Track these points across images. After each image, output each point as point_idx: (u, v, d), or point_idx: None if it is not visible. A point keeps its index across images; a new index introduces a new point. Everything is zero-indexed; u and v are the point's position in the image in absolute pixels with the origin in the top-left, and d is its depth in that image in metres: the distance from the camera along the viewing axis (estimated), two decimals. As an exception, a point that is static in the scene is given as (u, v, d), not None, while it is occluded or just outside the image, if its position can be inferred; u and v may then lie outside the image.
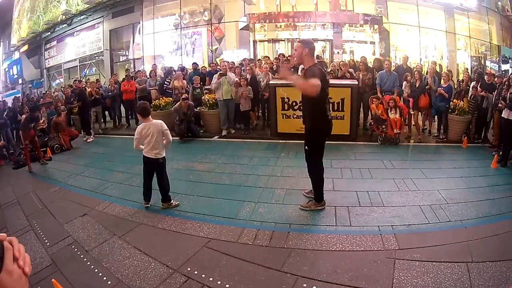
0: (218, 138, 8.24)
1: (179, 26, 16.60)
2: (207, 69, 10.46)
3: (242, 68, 9.29)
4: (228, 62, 9.52)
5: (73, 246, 3.73)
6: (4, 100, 13.92)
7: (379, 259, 3.08)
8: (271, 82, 7.84)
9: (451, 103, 7.42)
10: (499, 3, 15.73)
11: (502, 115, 5.89)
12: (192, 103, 8.29)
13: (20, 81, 23.98)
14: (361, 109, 8.45)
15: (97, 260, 3.38)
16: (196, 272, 3.02)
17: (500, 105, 6.06)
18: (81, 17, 19.50)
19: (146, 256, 3.36)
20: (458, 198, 4.37)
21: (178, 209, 4.39)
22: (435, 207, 4.11)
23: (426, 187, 4.75)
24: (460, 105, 7.26)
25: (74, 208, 4.75)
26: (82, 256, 3.51)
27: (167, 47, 16.97)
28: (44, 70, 22.60)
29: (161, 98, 9.23)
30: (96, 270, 3.22)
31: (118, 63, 19.02)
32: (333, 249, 3.30)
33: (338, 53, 14.67)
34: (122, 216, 4.37)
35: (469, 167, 5.72)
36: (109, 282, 3.01)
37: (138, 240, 3.71)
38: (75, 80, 13.16)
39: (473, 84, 7.69)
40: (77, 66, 20.43)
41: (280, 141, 7.48)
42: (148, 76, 10.79)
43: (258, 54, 15.05)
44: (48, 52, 22.33)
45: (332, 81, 7.18)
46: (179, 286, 2.87)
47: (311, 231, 3.67)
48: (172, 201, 4.48)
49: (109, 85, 10.74)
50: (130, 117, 10.58)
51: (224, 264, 3.14)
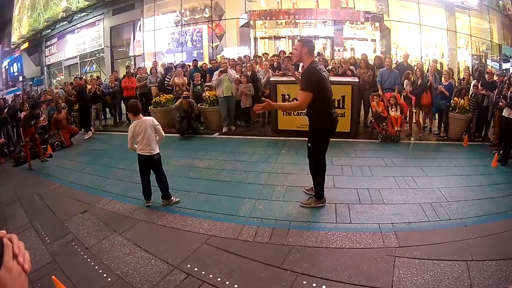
0: (219, 135, 8.23)
1: (180, 23, 16.59)
2: (208, 66, 10.44)
3: (243, 65, 9.27)
4: (229, 59, 9.49)
5: (73, 243, 3.74)
6: (5, 98, 13.95)
7: (379, 257, 3.08)
8: (272, 79, 7.82)
9: (452, 101, 7.41)
10: (500, 2, 15.69)
11: (503, 114, 5.88)
12: (193, 101, 8.28)
13: (21, 79, 24.01)
14: (362, 107, 8.44)
15: (97, 257, 3.39)
16: (196, 269, 3.03)
17: (501, 104, 6.05)
18: (82, 14, 19.50)
19: (146, 253, 3.37)
20: (458, 196, 4.37)
21: (179, 206, 4.39)
22: (435, 205, 4.11)
23: (427, 185, 4.74)
24: (461, 104, 7.25)
25: (75, 205, 4.76)
26: (82, 253, 3.51)
27: (168, 44, 16.96)
28: (45, 68, 22.62)
29: (162, 95, 9.22)
30: (96, 267, 3.22)
31: (119, 60, 19.01)
32: (333, 247, 3.30)
33: (339, 51, 14.65)
34: (123, 213, 4.37)
35: (470, 166, 5.71)
36: (109, 279, 3.02)
37: (138, 237, 3.72)
38: (76, 77, 13.15)
39: (474, 83, 7.67)
40: (78, 63, 20.44)
41: (281, 138, 7.48)
42: (149, 73, 10.78)
43: (259, 51, 15.04)
44: (49, 50, 22.33)
45: (333, 78, 7.16)
46: (179, 283, 2.88)
47: (311, 228, 3.67)
48: (173, 198, 4.49)
49: (110, 82, 10.72)
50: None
51: (224, 261, 3.14)
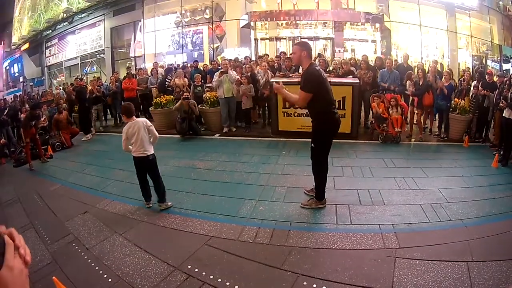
0: (219, 136, 8.23)
1: (180, 24, 16.61)
2: (209, 67, 10.44)
3: (244, 66, 9.28)
4: (230, 60, 9.50)
5: (74, 244, 3.74)
6: (5, 98, 13.98)
7: (380, 258, 3.08)
8: (272, 80, 7.81)
9: (452, 102, 7.41)
10: (501, 3, 15.69)
11: (503, 115, 5.88)
12: (193, 101, 8.28)
13: (21, 79, 24.04)
14: (362, 108, 8.44)
15: (98, 258, 3.39)
16: (197, 270, 3.03)
17: (501, 105, 6.05)
18: (82, 15, 19.55)
19: (147, 254, 3.37)
20: (459, 197, 4.37)
21: (179, 207, 4.39)
22: (436, 206, 4.10)
23: (427, 186, 4.74)
24: (461, 104, 7.25)
25: (75, 206, 4.76)
26: (83, 254, 3.51)
27: (168, 45, 16.98)
28: (45, 68, 22.65)
29: (162, 96, 9.23)
30: (97, 268, 3.22)
31: (119, 61, 19.04)
32: (334, 248, 3.30)
33: (340, 52, 14.67)
34: (123, 214, 4.37)
35: (470, 166, 5.71)
36: (110, 280, 3.02)
37: (139, 238, 3.72)
38: (76, 78, 13.17)
39: (474, 83, 7.67)
40: (78, 64, 20.48)
41: (281, 139, 7.48)
42: (150, 74, 10.80)
43: (259, 52, 15.06)
44: (49, 50, 22.37)
45: (333, 79, 7.19)
46: (180, 284, 2.88)
47: (312, 229, 3.67)
48: (167, 201, 4.42)
49: (110, 83, 10.73)
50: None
51: (225, 262, 3.14)
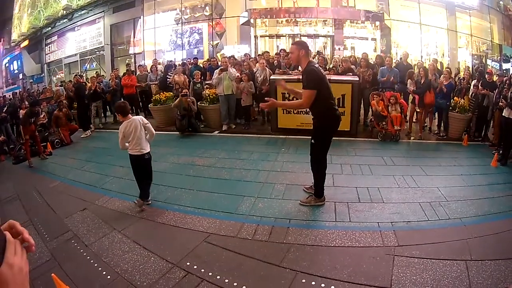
0: (219, 133, 8.23)
1: (180, 21, 16.56)
2: (208, 64, 10.42)
3: (243, 64, 9.27)
4: (229, 58, 9.48)
5: (73, 241, 3.74)
6: (5, 96, 13.95)
7: (378, 256, 3.08)
8: (272, 78, 7.80)
9: (452, 101, 7.41)
10: (501, 2, 15.65)
11: (503, 114, 5.88)
12: (192, 98, 8.26)
13: (21, 76, 23.98)
14: (362, 105, 8.44)
15: (97, 255, 3.39)
16: (196, 267, 3.03)
17: (501, 104, 6.05)
18: (82, 12, 19.44)
19: (146, 251, 3.37)
20: (458, 196, 4.37)
21: (178, 204, 4.39)
22: (435, 205, 4.11)
23: (426, 184, 4.74)
24: (461, 103, 7.26)
25: (74, 203, 4.75)
26: (82, 251, 3.51)
27: (168, 42, 16.93)
28: (45, 65, 22.57)
29: (162, 93, 9.22)
30: (96, 265, 3.22)
31: (119, 58, 18.99)
32: (333, 245, 3.30)
33: (339, 49, 14.65)
34: (122, 211, 4.37)
35: (469, 165, 5.71)
36: (109, 277, 3.02)
37: (138, 235, 3.72)
38: (76, 75, 13.14)
39: (474, 83, 7.67)
40: (78, 61, 20.41)
41: (281, 136, 7.48)
42: (149, 71, 10.78)
43: (259, 50, 15.04)
44: (49, 47, 22.28)
45: (333, 77, 7.20)
46: (179, 281, 2.88)
47: (311, 227, 3.68)
48: (147, 201, 4.37)
49: (110, 80, 10.71)
50: (130, 112, 10.52)
51: (224, 259, 3.14)
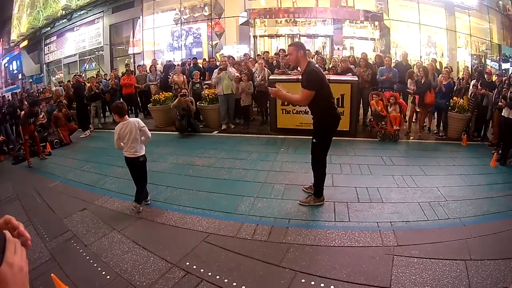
0: (218, 133, 8.23)
1: (179, 21, 16.55)
2: (207, 64, 10.42)
3: (242, 63, 9.29)
4: (228, 57, 9.49)
5: (72, 241, 3.73)
6: (4, 96, 13.92)
7: (378, 255, 3.08)
8: (271, 78, 7.79)
9: (451, 101, 7.41)
10: (500, 2, 15.67)
11: (502, 114, 5.89)
12: (191, 98, 8.26)
13: (20, 76, 23.95)
14: (361, 105, 8.44)
15: (96, 255, 3.38)
16: (195, 267, 3.03)
17: (501, 104, 6.05)
18: (81, 12, 19.44)
19: (145, 251, 3.36)
20: (457, 196, 4.37)
21: (177, 204, 4.38)
22: (434, 204, 4.11)
23: (425, 184, 4.75)
24: (460, 103, 7.26)
25: (74, 203, 4.75)
26: (81, 251, 3.51)
27: (167, 42, 16.93)
28: (44, 65, 22.55)
29: (161, 93, 9.22)
30: (95, 265, 3.22)
31: (118, 58, 18.98)
32: (332, 245, 3.31)
33: (338, 49, 14.66)
34: (121, 211, 4.37)
35: (468, 165, 5.71)
36: (108, 277, 3.01)
37: (137, 235, 3.71)
38: (75, 75, 13.14)
39: (474, 82, 7.67)
40: (77, 61, 20.40)
41: (280, 136, 7.48)
42: (148, 71, 10.78)
43: (258, 50, 15.04)
44: (48, 47, 22.28)
45: (332, 77, 7.19)
46: (178, 281, 2.87)
47: (310, 227, 3.68)
48: (141, 206, 4.29)
49: (110, 80, 10.71)
50: (130, 112, 10.54)
51: (223, 259, 3.14)
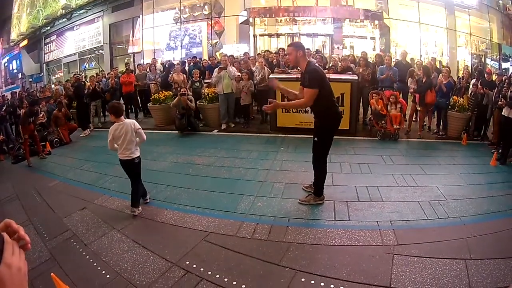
0: (218, 132, 8.22)
1: (179, 20, 16.54)
2: (207, 63, 10.42)
3: (241, 62, 9.30)
4: (229, 56, 9.49)
5: (72, 240, 3.73)
6: (4, 95, 13.90)
7: (378, 254, 3.08)
8: (271, 77, 7.79)
9: (451, 100, 7.40)
10: (500, 1, 15.64)
11: (502, 113, 5.88)
12: (191, 97, 8.26)
13: (20, 76, 23.94)
14: (361, 104, 8.43)
15: (96, 254, 3.39)
16: (195, 266, 3.03)
17: (501, 103, 6.05)
18: (81, 11, 19.44)
19: (145, 250, 3.36)
20: (457, 195, 4.37)
21: (177, 203, 4.38)
22: (434, 203, 4.11)
23: (425, 183, 4.75)
24: (460, 102, 7.25)
25: (73, 202, 4.75)
26: (81, 250, 3.51)
27: (167, 41, 16.91)
28: (44, 65, 22.54)
29: (161, 92, 9.22)
30: (95, 264, 3.22)
31: (118, 57, 18.97)
32: (332, 244, 3.31)
33: (338, 48, 14.65)
34: (121, 210, 4.36)
35: (468, 164, 5.71)
36: (108, 276, 3.02)
37: (137, 234, 3.71)
38: (75, 74, 13.12)
39: (474, 82, 7.66)
40: (77, 60, 20.40)
41: (280, 135, 7.48)
42: (148, 70, 10.77)
43: (258, 49, 15.03)
44: (48, 47, 22.27)
45: (332, 76, 7.18)
46: (178, 280, 2.88)
47: (310, 226, 3.68)
48: (137, 209, 4.20)
49: (109, 79, 10.70)
50: (130, 111, 10.55)
51: (223, 258, 3.14)
